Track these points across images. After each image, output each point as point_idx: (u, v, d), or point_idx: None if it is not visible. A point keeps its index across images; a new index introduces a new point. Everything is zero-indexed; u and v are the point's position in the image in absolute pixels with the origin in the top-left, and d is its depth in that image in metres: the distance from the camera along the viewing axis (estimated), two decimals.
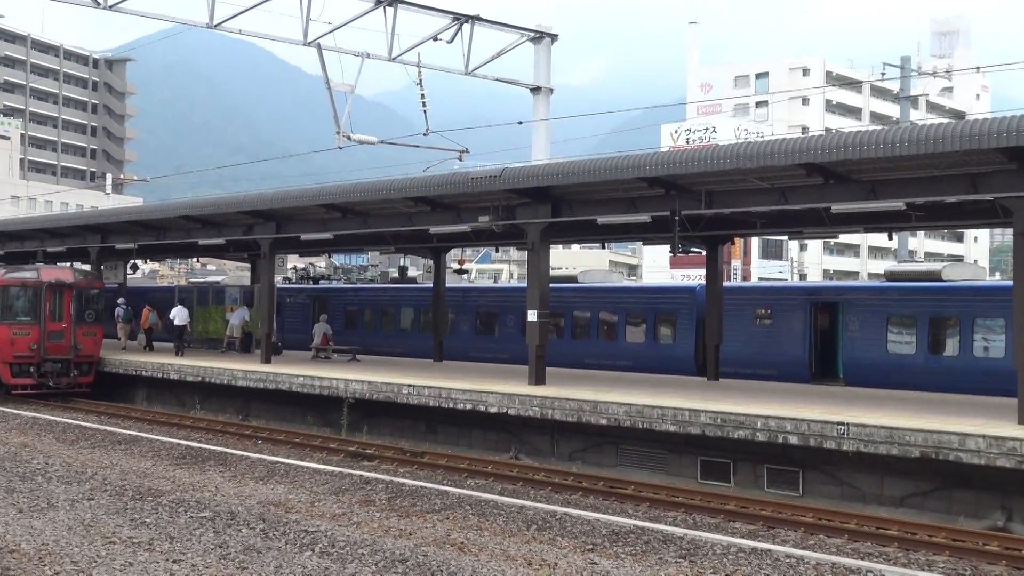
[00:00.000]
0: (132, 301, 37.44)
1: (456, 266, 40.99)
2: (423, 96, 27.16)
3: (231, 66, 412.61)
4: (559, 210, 21.76)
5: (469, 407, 20.87)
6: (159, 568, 10.59)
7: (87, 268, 34.17)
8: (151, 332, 35.24)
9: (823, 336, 25.43)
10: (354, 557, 11.23)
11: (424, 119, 27.23)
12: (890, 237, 26.70)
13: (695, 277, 43.28)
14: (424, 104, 27.23)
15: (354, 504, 14.44)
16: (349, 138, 26.54)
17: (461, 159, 28.62)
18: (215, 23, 26.32)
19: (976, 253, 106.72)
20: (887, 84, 74.53)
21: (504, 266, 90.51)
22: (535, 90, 30.18)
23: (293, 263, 52.38)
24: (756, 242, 71.37)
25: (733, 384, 23.06)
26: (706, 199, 19.50)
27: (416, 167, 27.27)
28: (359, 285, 41.70)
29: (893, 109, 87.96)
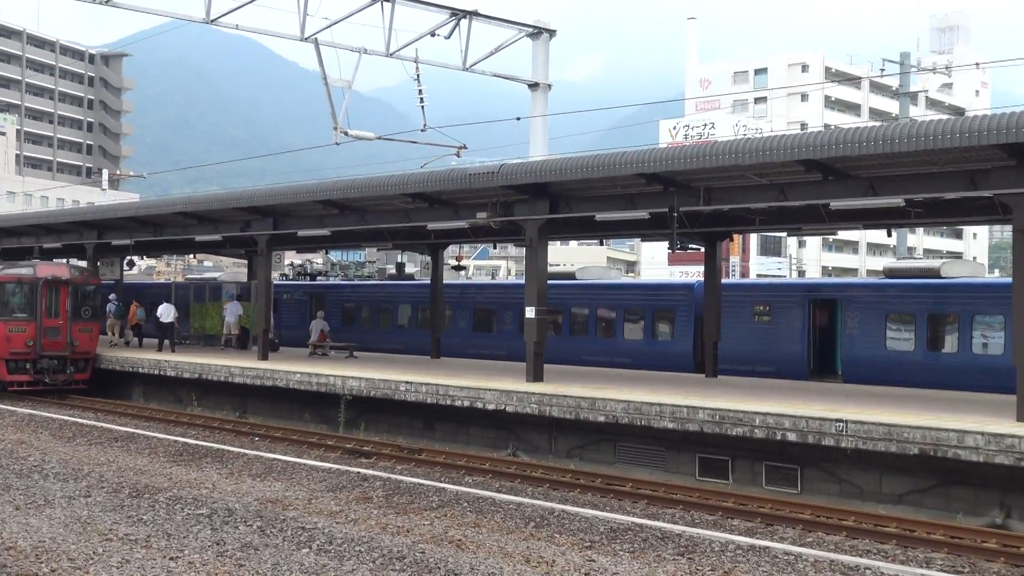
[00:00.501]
0: (124, 298, 37.37)
1: (454, 262, 40.95)
2: (421, 92, 27.07)
3: (228, 62, 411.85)
4: (557, 206, 21.72)
5: (467, 404, 20.84)
6: (156, 565, 10.55)
7: (83, 264, 34.06)
8: (139, 328, 35.26)
9: (822, 333, 25.43)
10: (351, 554, 11.20)
11: (422, 115, 27.12)
12: (889, 234, 26.78)
13: (693, 274, 43.23)
14: (422, 100, 27.13)
15: (351, 501, 14.40)
16: (347, 134, 26.45)
17: (459, 155, 28.54)
18: (212, 18, 26.26)
19: (975, 250, 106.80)
20: (886, 80, 74.62)
21: (502, 262, 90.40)
22: (533, 86, 30.13)
23: (290, 259, 52.36)
24: (755, 239, 71.42)
25: (731, 381, 23.04)
26: (705, 195, 19.46)
27: (414, 163, 27.18)
28: (356, 282, 41.63)
29: (892, 105, 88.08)
